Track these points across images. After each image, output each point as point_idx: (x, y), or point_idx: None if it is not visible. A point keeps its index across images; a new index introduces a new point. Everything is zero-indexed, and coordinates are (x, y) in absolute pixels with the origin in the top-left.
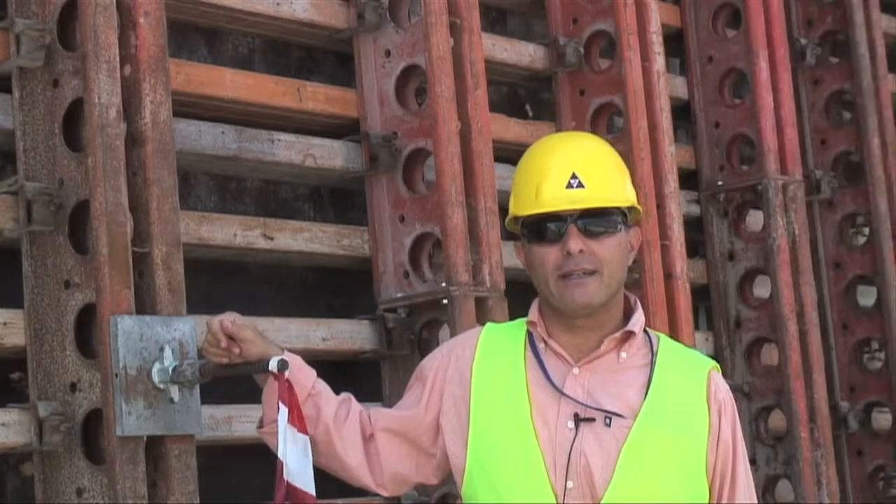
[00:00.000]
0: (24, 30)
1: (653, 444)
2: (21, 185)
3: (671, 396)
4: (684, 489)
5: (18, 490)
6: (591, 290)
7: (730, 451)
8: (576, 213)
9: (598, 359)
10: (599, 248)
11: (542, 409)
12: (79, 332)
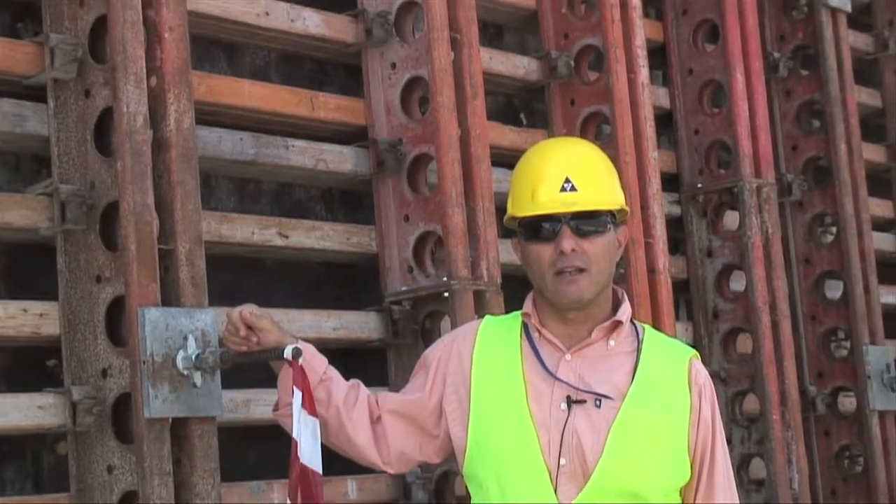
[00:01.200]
0: (58, 44)
1: (639, 423)
2: (56, 188)
3: (656, 380)
4: (668, 465)
5: (54, 467)
6: (581, 286)
7: (709, 431)
8: (568, 215)
9: (589, 346)
10: (590, 247)
11: (537, 393)
12: (109, 322)
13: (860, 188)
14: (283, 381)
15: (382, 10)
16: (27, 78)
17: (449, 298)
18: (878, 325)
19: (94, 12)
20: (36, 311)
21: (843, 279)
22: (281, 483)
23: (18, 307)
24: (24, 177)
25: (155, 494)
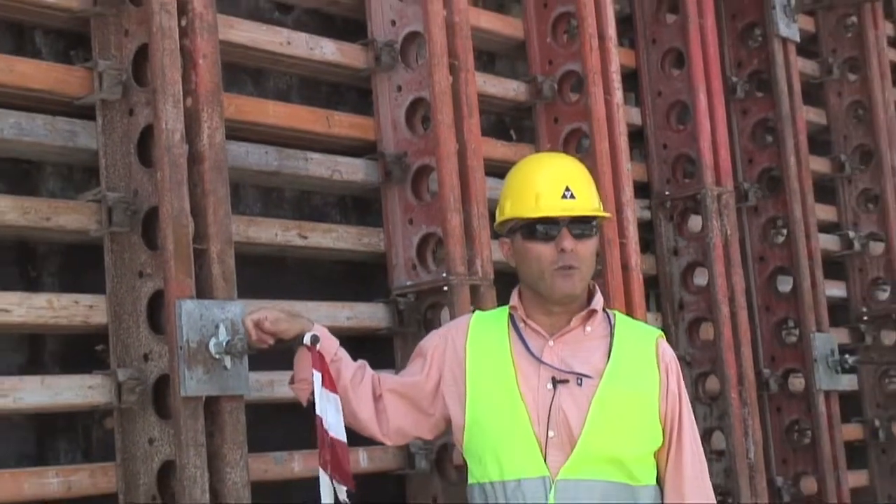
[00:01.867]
0: (106, 69)
1: (615, 397)
2: (103, 195)
3: (628, 360)
4: (643, 433)
5: (101, 440)
6: (574, 282)
7: (676, 401)
8: (567, 219)
9: (569, 333)
10: (582, 248)
11: (526, 376)
12: (150, 313)
13: (808, 195)
14: (299, 358)
15: (390, 40)
16: (78, 99)
17: (448, 292)
18: (823, 315)
19: (137, 41)
20: (86, 302)
21: (792, 275)
22: (301, 453)
23: (71, 299)
24: (75, 185)
25: (190, 463)
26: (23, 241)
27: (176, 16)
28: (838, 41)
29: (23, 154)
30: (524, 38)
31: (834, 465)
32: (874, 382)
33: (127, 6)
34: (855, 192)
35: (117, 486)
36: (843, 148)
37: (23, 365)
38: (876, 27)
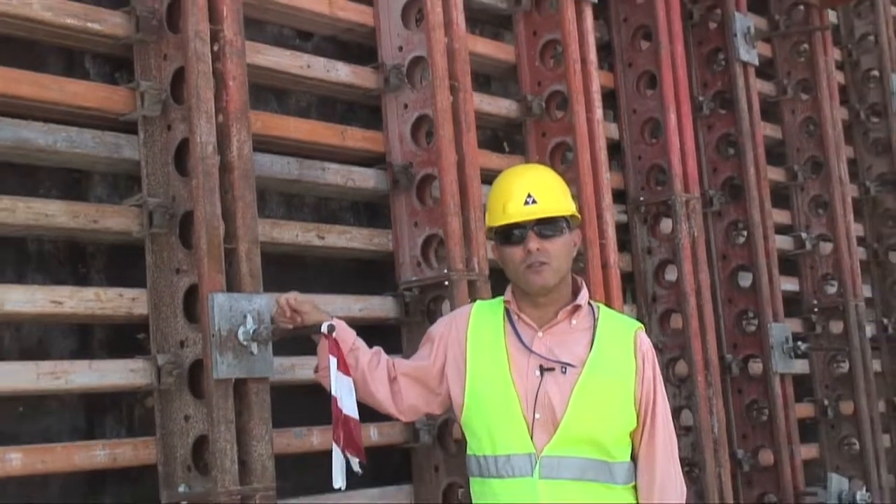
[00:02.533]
0: (147, 89)
1: (596, 384)
2: (145, 200)
3: (608, 350)
4: (619, 416)
5: (143, 417)
6: (546, 276)
7: (651, 387)
8: (532, 222)
9: (556, 325)
10: (550, 246)
11: (517, 363)
12: (186, 305)
13: (765, 201)
14: (321, 349)
15: (397, 64)
16: (123, 115)
17: (448, 286)
18: (779, 307)
19: (174, 64)
20: (129, 295)
21: (752, 271)
22: (319, 429)
23: (116, 293)
24: (120, 192)
25: (221, 438)
26: (73, 241)
27: (209, 42)
28: (792, 65)
29: (73, 164)
30: (516, 62)
31: (788, 440)
32: (824, 366)
33: (166, 33)
34: (807, 199)
35: (157, 457)
36: (797, 159)
37: (73, 351)
38: (826, 53)
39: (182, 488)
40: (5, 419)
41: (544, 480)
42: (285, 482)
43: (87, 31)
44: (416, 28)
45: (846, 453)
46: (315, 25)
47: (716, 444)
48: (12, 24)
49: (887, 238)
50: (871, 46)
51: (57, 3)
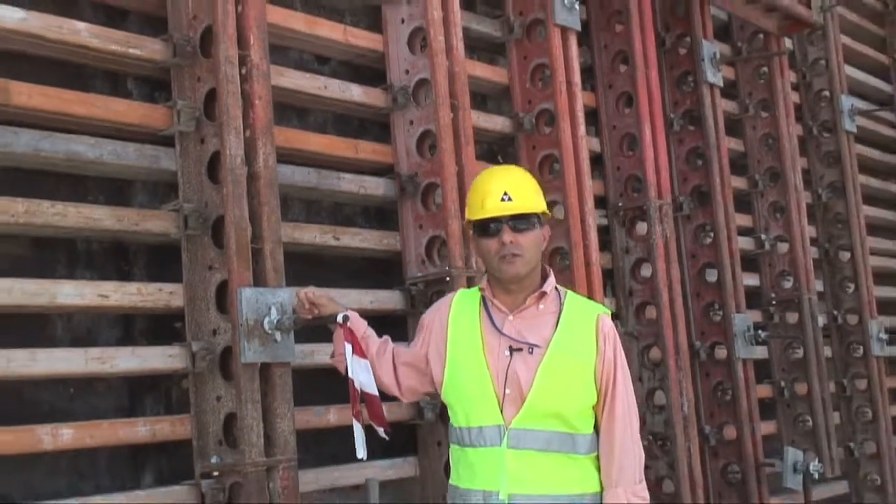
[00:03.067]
0: (182, 107)
1: (559, 362)
2: (181, 206)
3: (571, 332)
4: (579, 391)
5: (179, 397)
6: (517, 266)
7: (612, 366)
8: (507, 217)
9: (525, 309)
10: (523, 239)
11: (490, 344)
12: (217, 298)
13: (729, 206)
14: (336, 337)
15: (404, 85)
16: (161, 131)
17: (450, 281)
18: (741, 300)
19: (207, 86)
20: (168, 290)
21: (717, 269)
22: (336, 407)
23: (155, 287)
24: (159, 198)
25: (248, 415)
26: (118, 242)
27: (238, 66)
28: (753, 86)
29: (118, 174)
30: (509, 83)
31: (750, 417)
32: (781, 352)
33: (199, 58)
34: (766, 204)
35: (191, 432)
36: (757, 170)
37: (118, 338)
38: (782, 76)
39: (214, 460)
40: (58, 399)
41: (512, 450)
42: (306, 454)
43: (130, 57)
44: (421, 53)
45: (800, 429)
46: (331, 51)
47: (685, 420)
48: (64, 50)
49: (837, 239)
50: (822, 70)
51: (103, 32)
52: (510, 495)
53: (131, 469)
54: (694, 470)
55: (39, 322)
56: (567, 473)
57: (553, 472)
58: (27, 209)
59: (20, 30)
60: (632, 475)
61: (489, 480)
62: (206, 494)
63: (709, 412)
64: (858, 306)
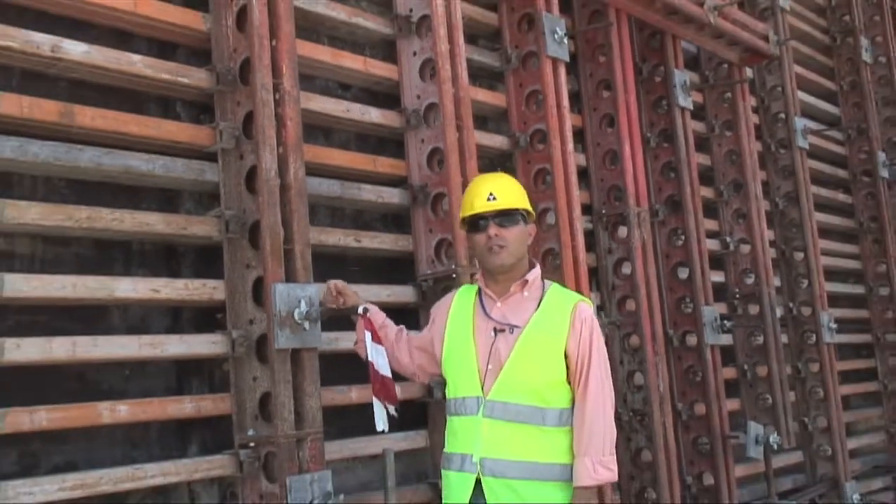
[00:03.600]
0: (224, 128)
1: (533, 340)
2: (222, 213)
3: (548, 315)
4: (550, 366)
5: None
6: (502, 257)
7: (587, 346)
8: (492, 213)
9: (511, 296)
10: (507, 234)
11: (479, 326)
12: (254, 292)
13: (698, 213)
14: (358, 327)
15: (416, 108)
16: (206, 148)
17: (455, 278)
18: (709, 294)
19: (245, 109)
20: (211, 285)
21: (688, 267)
22: (357, 387)
23: (200, 283)
24: (204, 207)
25: (281, 394)
26: (168, 244)
27: (272, 92)
28: (718, 109)
29: (168, 185)
30: (507, 107)
31: (717, 396)
32: (744, 339)
33: (239, 86)
34: (730, 211)
35: (231, 409)
36: (722, 181)
37: (168, 327)
38: (744, 100)
39: (251, 432)
40: (116, 380)
41: (487, 419)
42: (330, 427)
43: (179, 84)
44: (430, 81)
45: (761, 406)
46: (353, 79)
47: (661, 398)
48: (122, 78)
49: (792, 241)
50: (779, 95)
51: (155, 63)
52: (482, 459)
53: (179, 440)
54: (668, 441)
55: (100, 313)
56: (535, 443)
57: (522, 441)
58: (89, 215)
59: (84, 61)
60: (600, 446)
61: (466, 445)
62: (244, 462)
63: (681, 391)
64: (811, 299)
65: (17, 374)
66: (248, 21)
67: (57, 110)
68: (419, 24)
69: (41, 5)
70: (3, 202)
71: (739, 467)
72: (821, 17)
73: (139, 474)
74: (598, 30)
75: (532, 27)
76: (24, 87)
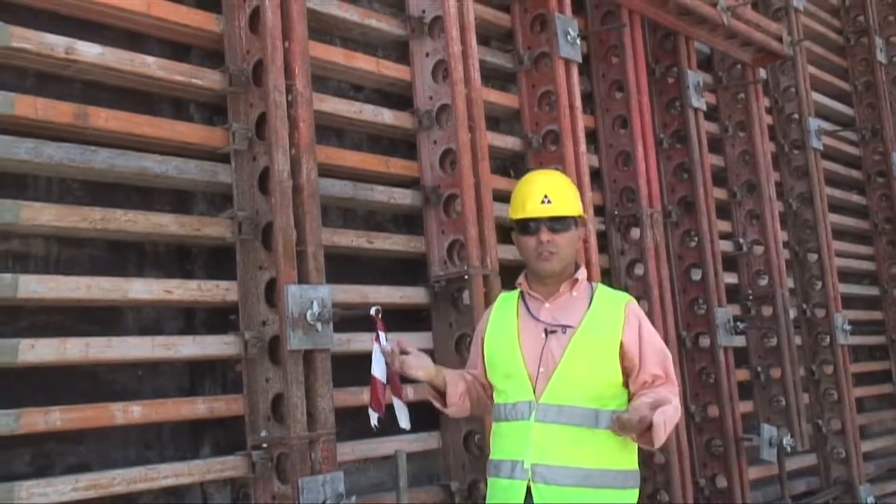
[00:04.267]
0: (237, 129)
1: (587, 340)
2: (235, 214)
3: (601, 314)
4: (605, 366)
5: (233, 379)
6: (553, 263)
7: (647, 335)
8: (545, 218)
9: (560, 297)
10: (559, 239)
11: (527, 329)
12: (267, 293)
13: (712, 214)
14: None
15: (428, 109)
16: (219, 149)
17: (468, 279)
18: (722, 295)
19: (258, 110)
20: (224, 286)
21: (701, 268)
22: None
23: (213, 284)
24: (217, 208)
25: (294, 395)
26: (181, 245)
27: (285, 93)
28: (732, 110)
29: (181, 186)
30: (519, 108)
31: (730, 397)
32: (757, 341)
33: (251, 87)
34: (743, 212)
35: (244, 410)
36: (735, 182)
37: (181, 328)
38: (757, 100)
39: (263, 433)
40: (129, 381)
41: (538, 423)
42: (342, 428)
43: (192, 85)
44: (443, 82)
45: (775, 408)
46: (365, 80)
47: None
48: (135, 80)
49: (805, 242)
50: (792, 96)
51: (169, 65)
52: (533, 465)
53: (191, 441)
54: (682, 444)
55: (113, 314)
56: (588, 448)
57: (574, 445)
58: (103, 217)
59: (98, 63)
60: (669, 414)
61: (517, 451)
62: (257, 463)
63: (694, 393)
64: (825, 301)
65: (32, 375)
66: (261, 22)
67: (71, 112)
68: (432, 25)
69: (55, 7)
70: (18, 204)
71: (753, 470)
72: (835, 18)
73: (152, 475)
74: (611, 31)
75: (545, 28)
76: (39, 88)
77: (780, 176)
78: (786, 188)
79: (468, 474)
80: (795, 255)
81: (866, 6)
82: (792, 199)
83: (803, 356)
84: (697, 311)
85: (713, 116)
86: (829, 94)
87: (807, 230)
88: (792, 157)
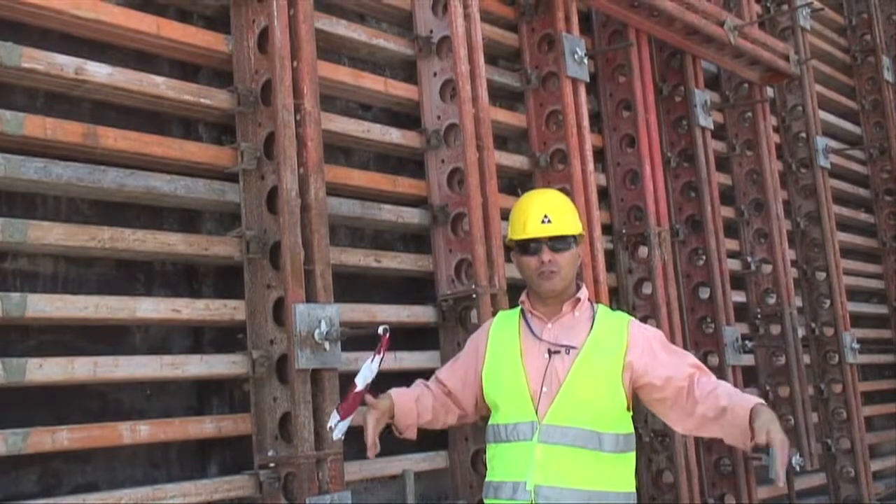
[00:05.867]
0: (245, 148)
1: (591, 361)
2: (243, 233)
3: (603, 335)
4: (608, 388)
5: (241, 398)
6: (555, 282)
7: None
8: (546, 238)
9: (562, 317)
10: (560, 258)
11: (529, 349)
12: (275, 312)
13: (719, 233)
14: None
15: (436, 129)
16: (227, 168)
17: (476, 298)
18: (730, 314)
19: (266, 130)
20: (232, 305)
21: (709, 287)
22: None
23: (221, 303)
24: (225, 227)
25: (301, 414)
26: (189, 264)
27: (293, 113)
28: (739, 129)
29: (189, 205)
30: (527, 127)
31: None
32: (766, 360)
33: (260, 106)
34: (751, 231)
35: (251, 429)
36: (743, 201)
37: (189, 347)
38: (765, 119)
39: (271, 453)
40: (137, 400)
41: (542, 444)
42: (350, 448)
43: (201, 105)
44: (451, 101)
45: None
46: (373, 100)
47: None
48: (144, 100)
49: (813, 261)
50: (799, 115)
51: (178, 84)
52: (536, 486)
53: (199, 460)
54: (690, 463)
55: (121, 333)
56: (592, 470)
57: (578, 467)
58: (112, 236)
59: (107, 83)
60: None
61: (518, 472)
62: (264, 483)
63: None
64: (833, 319)
65: (40, 394)
66: (270, 43)
67: (80, 132)
68: (439, 44)
69: (65, 28)
70: (26, 223)
71: (762, 489)
72: (841, 37)
73: (159, 494)
74: (618, 50)
75: (552, 48)
76: (49, 108)
77: (788, 194)
78: (793, 207)
79: (476, 494)
80: (804, 274)
81: (873, 25)
82: (800, 218)
83: (812, 375)
84: (706, 330)
85: (720, 135)
86: (837, 113)
87: (815, 248)
88: (799, 175)
